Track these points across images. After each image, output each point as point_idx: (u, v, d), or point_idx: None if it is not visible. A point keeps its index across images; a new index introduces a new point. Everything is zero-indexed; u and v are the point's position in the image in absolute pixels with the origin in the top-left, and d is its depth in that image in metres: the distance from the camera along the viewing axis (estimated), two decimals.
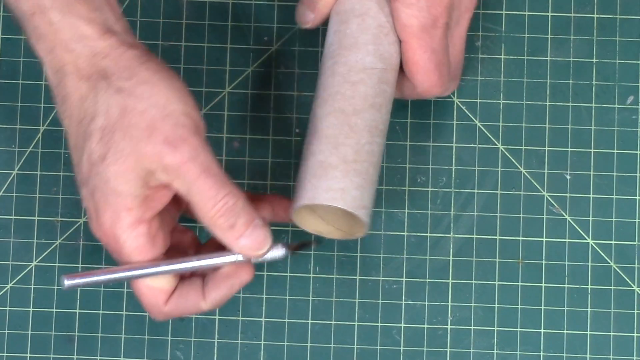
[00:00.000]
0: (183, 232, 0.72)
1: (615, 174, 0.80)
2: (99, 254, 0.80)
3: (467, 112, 0.81)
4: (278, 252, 0.69)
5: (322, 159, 0.68)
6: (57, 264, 0.80)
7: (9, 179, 0.81)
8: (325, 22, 0.74)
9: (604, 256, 0.80)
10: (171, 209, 0.69)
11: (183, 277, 0.69)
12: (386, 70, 0.70)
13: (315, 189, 0.68)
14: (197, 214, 0.66)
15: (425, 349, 0.79)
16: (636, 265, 0.80)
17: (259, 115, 0.81)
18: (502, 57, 0.81)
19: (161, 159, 0.64)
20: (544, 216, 0.80)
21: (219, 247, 0.69)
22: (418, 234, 0.80)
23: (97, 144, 0.65)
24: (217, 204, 0.65)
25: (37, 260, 0.80)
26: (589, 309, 0.79)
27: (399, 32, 0.70)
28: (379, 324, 0.79)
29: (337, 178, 0.68)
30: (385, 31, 0.71)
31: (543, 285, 0.79)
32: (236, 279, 0.69)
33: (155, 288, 0.68)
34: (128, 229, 0.65)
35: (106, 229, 0.66)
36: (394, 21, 0.70)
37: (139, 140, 0.64)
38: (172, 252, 0.69)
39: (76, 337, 0.79)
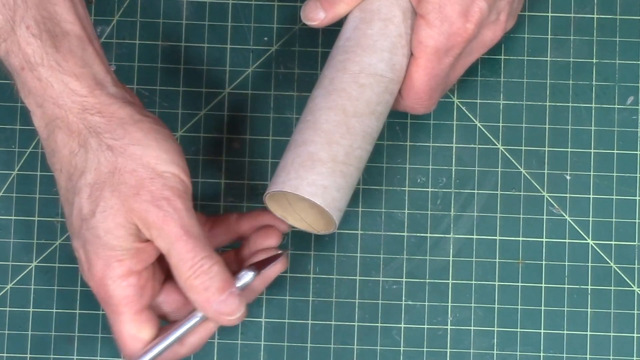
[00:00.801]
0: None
1: (615, 174, 0.80)
2: None
3: (467, 112, 0.81)
4: (247, 277, 0.69)
5: (313, 151, 0.69)
6: (57, 264, 0.80)
7: (9, 179, 0.81)
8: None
9: (604, 256, 0.80)
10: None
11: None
12: (393, 81, 0.71)
13: (300, 179, 0.68)
14: (174, 274, 0.67)
15: (425, 349, 0.79)
16: (636, 266, 0.80)
17: (259, 115, 0.81)
18: (502, 57, 0.81)
19: (146, 216, 0.65)
20: (544, 216, 0.80)
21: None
22: (418, 234, 0.80)
23: (86, 200, 0.66)
24: (193, 266, 0.66)
25: (37, 261, 0.80)
26: (589, 309, 0.79)
27: (413, 46, 0.70)
28: (379, 324, 0.79)
29: (323, 175, 0.68)
30: (403, 42, 0.71)
31: (543, 285, 0.79)
32: (212, 323, 0.69)
33: (139, 338, 0.68)
34: (118, 279, 0.66)
35: (97, 279, 0.66)
36: (412, 34, 0.71)
37: (127, 197, 0.65)
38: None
39: (76, 337, 0.79)
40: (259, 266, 0.70)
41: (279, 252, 0.72)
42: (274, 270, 0.71)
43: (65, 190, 0.67)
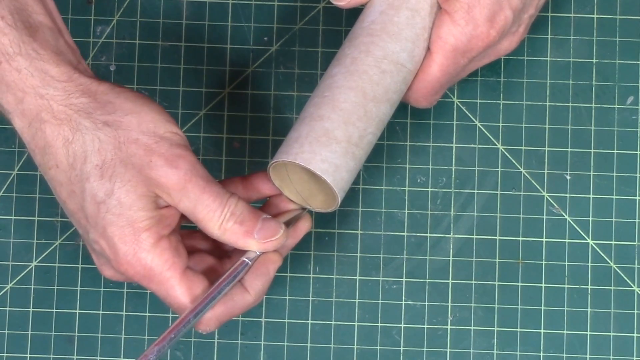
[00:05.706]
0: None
1: (615, 174, 0.80)
2: None
3: (467, 112, 0.81)
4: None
5: (329, 128, 0.69)
6: (57, 264, 0.80)
7: (9, 179, 0.81)
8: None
9: (604, 256, 0.80)
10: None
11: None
12: (411, 72, 0.71)
13: (313, 154, 0.68)
14: (204, 227, 0.67)
15: (425, 349, 0.79)
16: (636, 265, 0.80)
17: (259, 115, 0.81)
18: (502, 57, 0.81)
19: (165, 182, 0.65)
20: (544, 216, 0.80)
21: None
22: (418, 234, 0.80)
23: (98, 183, 0.65)
24: (223, 211, 0.66)
25: (37, 261, 0.80)
26: (589, 309, 0.79)
27: (432, 41, 0.71)
28: (379, 324, 0.79)
29: (337, 153, 0.68)
30: (425, 36, 0.71)
31: (543, 285, 0.79)
32: (270, 265, 0.70)
33: (196, 297, 0.68)
34: (152, 248, 0.66)
35: (130, 259, 0.66)
36: (433, 28, 0.71)
37: (142, 167, 0.65)
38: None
39: (76, 337, 0.79)
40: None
41: (302, 210, 0.72)
42: (302, 227, 0.71)
43: (68, 183, 0.66)
